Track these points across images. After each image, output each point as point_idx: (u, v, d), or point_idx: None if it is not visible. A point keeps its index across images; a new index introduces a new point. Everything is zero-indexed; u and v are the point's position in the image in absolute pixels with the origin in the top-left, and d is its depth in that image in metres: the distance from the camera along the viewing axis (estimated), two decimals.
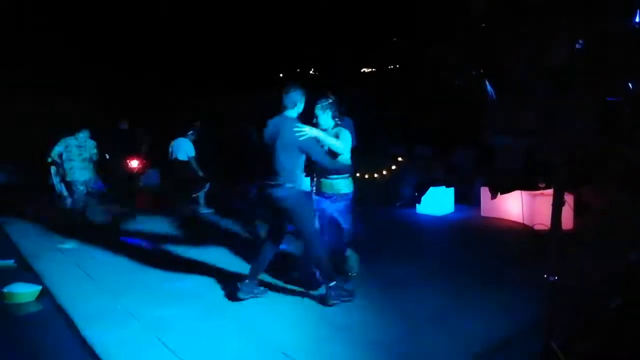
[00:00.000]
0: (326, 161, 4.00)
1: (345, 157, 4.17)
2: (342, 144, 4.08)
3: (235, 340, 3.50)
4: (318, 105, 4.26)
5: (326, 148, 4.05)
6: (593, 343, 3.14)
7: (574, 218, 6.18)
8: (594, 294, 3.75)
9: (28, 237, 6.68)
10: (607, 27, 2.16)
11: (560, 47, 2.21)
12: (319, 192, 4.36)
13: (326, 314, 3.91)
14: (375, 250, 5.60)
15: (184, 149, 8.13)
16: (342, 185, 4.27)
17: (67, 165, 7.04)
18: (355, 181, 4.45)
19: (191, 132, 8.22)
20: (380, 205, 8.37)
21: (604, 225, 6.20)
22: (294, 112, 4.02)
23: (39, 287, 4.56)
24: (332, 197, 4.27)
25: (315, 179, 4.40)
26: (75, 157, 7.05)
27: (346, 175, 4.29)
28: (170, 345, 3.40)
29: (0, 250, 6.04)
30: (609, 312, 3.26)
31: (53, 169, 7.13)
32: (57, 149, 7.04)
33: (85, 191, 7.19)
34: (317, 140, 3.93)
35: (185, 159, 8.10)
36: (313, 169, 4.35)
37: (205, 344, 3.44)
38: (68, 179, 7.07)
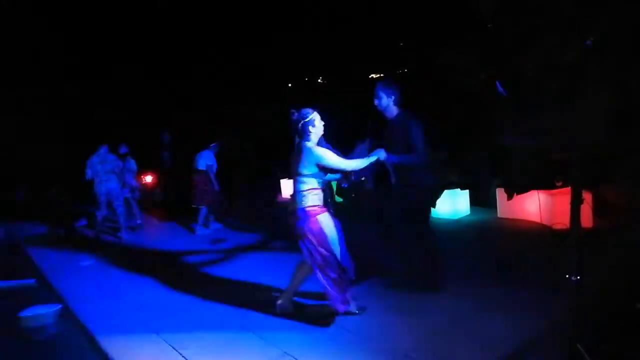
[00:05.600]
0: None
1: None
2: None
3: (254, 351, 3.51)
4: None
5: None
6: (619, 344, 3.07)
7: (593, 216, 6.08)
8: (618, 295, 3.67)
9: (48, 256, 6.77)
10: (623, 20, 2.12)
11: (572, 43, 2.18)
12: None
13: (344, 321, 3.89)
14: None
15: (204, 159, 8.13)
16: None
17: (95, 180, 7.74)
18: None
19: (214, 145, 8.24)
20: None
21: (626, 223, 6.08)
22: None
23: (59, 306, 4.60)
24: None
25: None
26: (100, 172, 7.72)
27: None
28: None
29: (20, 270, 6.13)
30: (634, 312, 3.19)
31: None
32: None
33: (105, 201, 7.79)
34: None
35: (204, 168, 8.07)
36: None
37: (227, 357, 3.45)
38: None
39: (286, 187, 10.90)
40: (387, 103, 4.28)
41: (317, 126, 3.90)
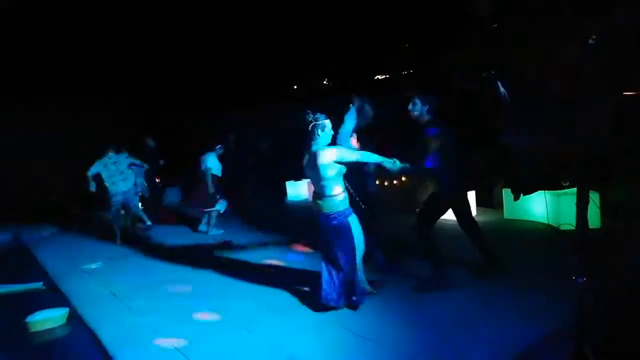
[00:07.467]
0: None
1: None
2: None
3: (260, 353, 3.51)
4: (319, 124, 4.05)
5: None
6: (625, 346, 3.04)
7: (601, 217, 6.04)
8: (625, 296, 3.63)
9: (55, 259, 6.81)
10: (621, 21, 2.11)
11: (572, 44, 2.17)
12: None
13: (352, 324, 3.88)
14: (398, 257, 5.54)
15: (205, 162, 8.05)
16: None
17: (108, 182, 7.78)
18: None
19: (219, 146, 8.19)
20: (401, 211, 8.31)
21: (634, 223, 6.02)
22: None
23: (67, 310, 4.62)
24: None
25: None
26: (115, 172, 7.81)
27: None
28: None
29: (28, 273, 6.17)
30: None
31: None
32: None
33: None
34: None
35: (204, 170, 7.99)
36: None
37: None
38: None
39: (292, 189, 10.92)
40: (421, 111, 4.52)
41: (326, 132, 4.02)
